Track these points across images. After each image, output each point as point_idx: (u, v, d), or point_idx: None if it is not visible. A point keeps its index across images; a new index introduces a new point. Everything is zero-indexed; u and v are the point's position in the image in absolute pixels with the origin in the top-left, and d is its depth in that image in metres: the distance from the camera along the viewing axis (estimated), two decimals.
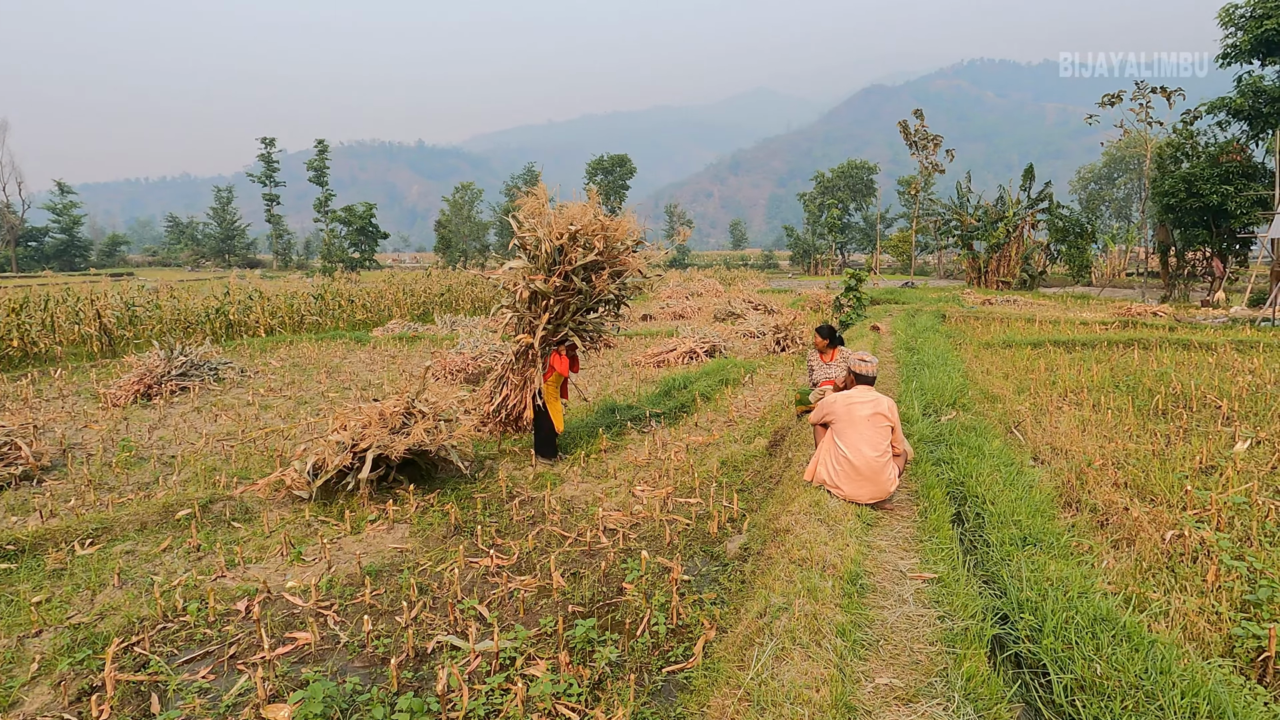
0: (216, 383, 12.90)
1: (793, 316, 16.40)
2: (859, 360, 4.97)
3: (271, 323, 19.16)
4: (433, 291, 25.20)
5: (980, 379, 9.91)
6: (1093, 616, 2.93)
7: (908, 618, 3.02)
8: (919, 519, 4.34)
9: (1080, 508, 5.37)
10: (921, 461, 5.37)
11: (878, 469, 4.53)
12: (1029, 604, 3.11)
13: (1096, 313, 20.99)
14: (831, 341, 7.63)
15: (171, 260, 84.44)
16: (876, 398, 4.76)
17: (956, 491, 4.90)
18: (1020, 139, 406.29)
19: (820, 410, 4.95)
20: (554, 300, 7.61)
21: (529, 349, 7.73)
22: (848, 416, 4.65)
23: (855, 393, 4.82)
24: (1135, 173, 69.52)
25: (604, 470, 7.60)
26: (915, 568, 3.54)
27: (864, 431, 4.58)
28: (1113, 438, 7.17)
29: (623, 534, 5.87)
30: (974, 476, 4.95)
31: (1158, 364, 10.71)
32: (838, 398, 4.83)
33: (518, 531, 6.03)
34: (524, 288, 7.56)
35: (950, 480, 5.06)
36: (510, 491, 6.90)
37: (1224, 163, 24.72)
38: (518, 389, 7.88)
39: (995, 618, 3.16)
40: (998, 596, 3.37)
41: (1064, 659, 2.74)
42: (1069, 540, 3.96)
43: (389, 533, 6.01)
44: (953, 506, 4.54)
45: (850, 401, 4.73)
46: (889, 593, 3.26)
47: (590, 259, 7.53)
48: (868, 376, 4.93)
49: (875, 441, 4.58)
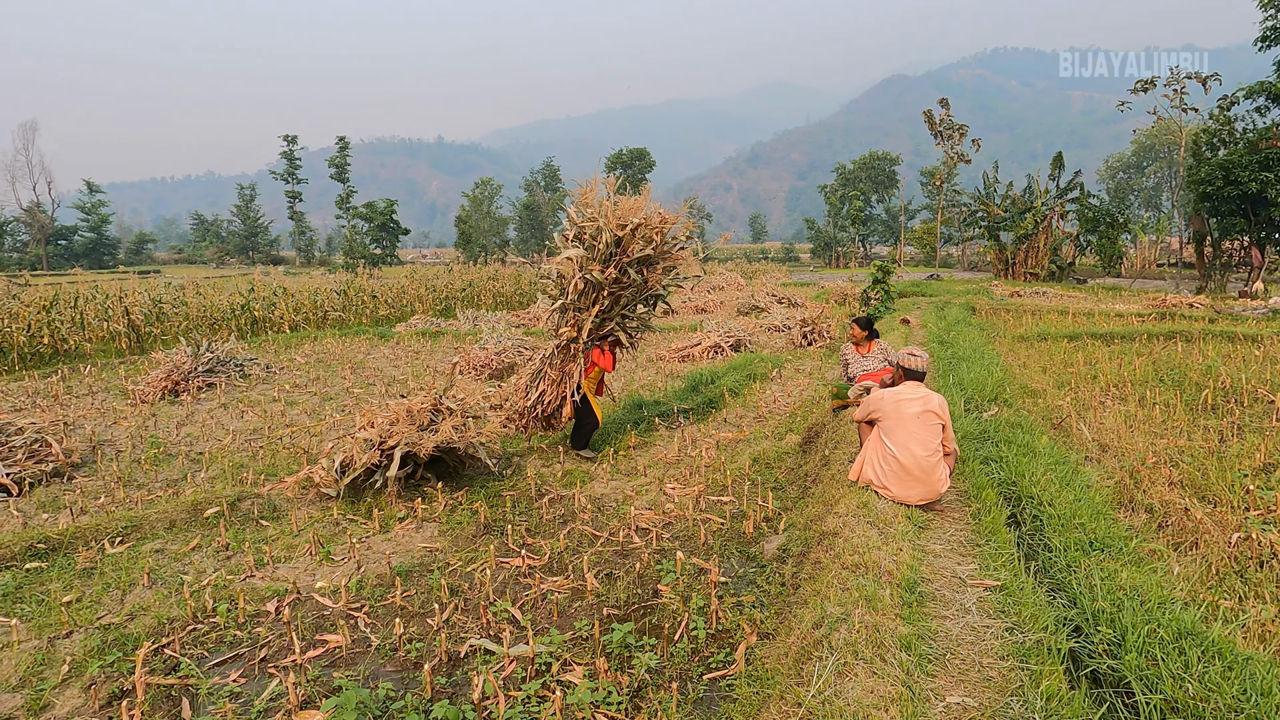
0: (242, 379, 12.93)
1: (820, 310, 16.13)
2: (908, 355, 4.74)
3: (295, 319, 19.24)
4: (454, 287, 25.20)
5: (1018, 373, 9.62)
6: (1177, 630, 2.73)
7: (973, 629, 2.84)
8: (972, 521, 4.14)
9: (1135, 508, 5.13)
10: (968, 460, 5.16)
11: (928, 469, 4.33)
12: (1104, 615, 2.92)
13: (1130, 304, 20.46)
14: (870, 333, 7.43)
15: (197, 258, 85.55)
16: (926, 394, 4.56)
17: (1009, 492, 4.68)
18: (1045, 128, 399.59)
19: (866, 407, 4.77)
20: (606, 292, 7.47)
21: (571, 343, 7.58)
22: (896, 414, 4.46)
23: (904, 389, 4.62)
24: (1166, 161, 68.01)
25: (633, 468, 7.46)
26: (975, 574, 3.36)
27: (913, 430, 4.38)
28: (1162, 434, 6.90)
29: (655, 534, 5.73)
30: (1027, 476, 4.72)
31: (1202, 357, 10.35)
32: (885, 394, 4.64)
33: (548, 531, 5.91)
34: (579, 278, 7.34)
35: (1001, 480, 4.85)
36: (539, 489, 6.78)
37: (1263, 149, 23.96)
38: (555, 384, 7.67)
39: (1068, 630, 2.96)
40: (1067, 606, 3.18)
41: (1150, 677, 2.55)
42: (1137, 545, 3.74)
43: (418, 532, 5.91)
44: (1007, 508, 4.33)
45: (899, 398, 4.53)
46: (950, 601, 3.08)
47: (646, 252, 7.44)
48: (918, 372, 4.70)
49: (925, 440, 4.38)
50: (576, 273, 7.31)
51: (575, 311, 7.49)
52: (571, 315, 7.51)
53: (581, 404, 7.64)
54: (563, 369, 7.60)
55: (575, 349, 7.52)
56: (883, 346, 7.39)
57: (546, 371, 7.69)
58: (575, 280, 7.29)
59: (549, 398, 7.61)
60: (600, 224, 7.30)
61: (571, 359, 7.59)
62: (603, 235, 7.27)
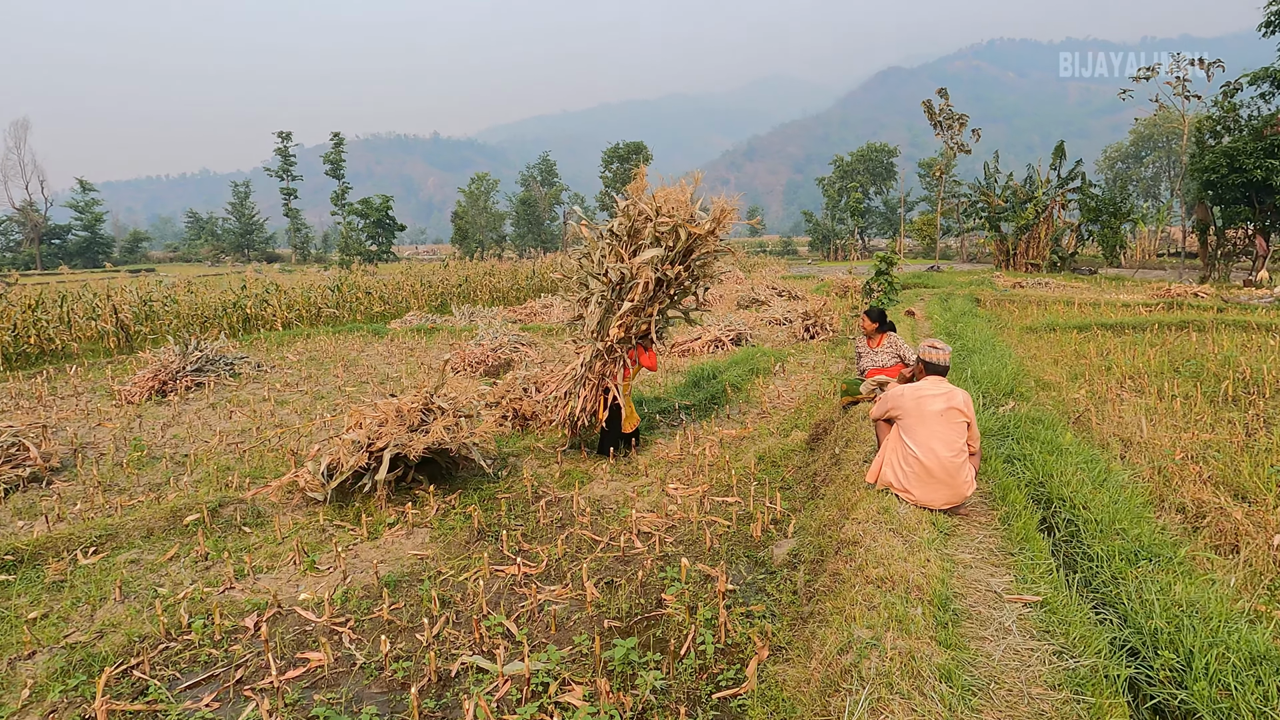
0: (232, 378, 12.62)
1: (822, 302, 15.83)
2: (929, 347, 4.40)
3: (288, 316, 18.91)
4: (450, 283, 24.86)
5: (1030, 365, 9.34)
6: (1250, 654, 2.45)
7: (1016, 653, 2.56)
8: (1001, 527, 3.84)
9: (1167, 508, 4.85)
10: (989, 458, 4.86)
11: (953, 470, 4.01)
12: (1163, 636, 2.63)
13: (1134, 294, 20.20)
14: (881, 325, 7.13)
15: (192, 256, 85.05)
16: (950, 390, 4.23)
17: (1037, 493, 4.38)
18: (1042, 119, 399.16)
19: (884, 404, 4.46)
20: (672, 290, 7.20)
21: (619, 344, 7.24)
22: (918, 411, 4.14)
23: (926, 384, 4.29)
24: (1164, 151, 67.66)
25: (634, 467, 7.17)
26: (1011, 587, 3.07)
27: (936, 428, 4.07)
28: (1185, 428, 6.62)
29: (658, 538, 5.44)
30: (1055, 476, 4.43)
31: (1218, 347, 10.07)
32: (905, 390, 4.29)
33: (545, 535, 5.62)
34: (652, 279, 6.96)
35: (1028, 480, 4.55)
36: (536, 491, 6.49)
37: (1269, 136, 23.67)
38: (595, 388, 7.32)
39: (1123, 652, 2.68)
40: (1118, 625, 2.90)
41: (1225, 710, 2.28)
42: (1186, 553, 3.45)
43: (408, 538, 5.62)
44: (1037, 510, 4.03)
45: (920, 394, 4.21)
46: (987, 620, 2.79)
47: (714, 247, 7.17)
48: (939, 366, 4.36)
49: (949, 439, 4.06)
50: (651, 274, 6.92)
51: (634, 313, 7.13)
52: (624, 316, 7.09)
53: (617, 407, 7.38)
54: (603, 372, 7.28)
55: (620, 351, 7.22)
56: (893, 340, 7.09)
57: (587, 376, 7.35)
58: (648, 280, 6.89)
59: (589, 404, 7.29)
60: (678, 221, 6.96)
61: (614, 361, 7.28)
62: (679, 233, 6.97)
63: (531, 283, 26.94)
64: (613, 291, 7.17)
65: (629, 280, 7.04)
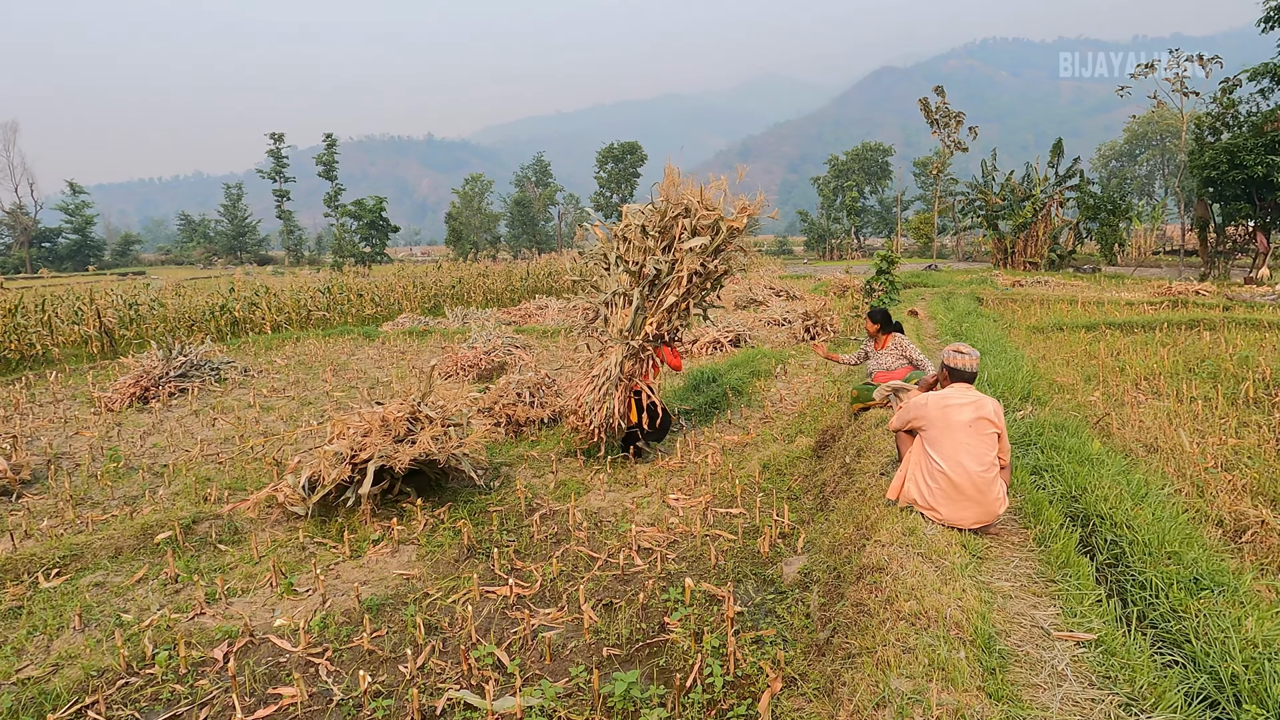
0: (218, 383, 12.26)
1: (823, 302, 15.53)
2: (954, 353, 4.04)
3: (278, 319, 18.53)
4: (443, 284, 24.49)
5: (1041, 367, 9.04)
6: None
7: (1075, 704, 2.24)
8: (1036, 548, 3.52)
9: (1203, 520, 4.55)
10: (1015, 469, 4.53)
11: (983, 486, 3.67)
12: (1243, 683, 2.33)
13: (1135, 292, 19.97)
14: (884, 326, 6.80)
15: (184, 258, 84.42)
16: (979, 398, 3.87)
17: (1072, 509, 4.06)
18: (1035, 118, 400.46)
19: (906, 413, 4.10)
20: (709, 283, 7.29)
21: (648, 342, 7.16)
22: (944, 422, 3.80)
23: (952, 392, 3.93)
24: (1158, 149, 67.62)
25: (632, 477, 6.85)
26: (1059, 621, 2.76)
27: (964, 440, 3.73)
28: (1210, 432, 6.32)
29: (659, 554, 5.12)
30: (1089, 490, 4.11)
31: (1231, 347, 9.79)
32: (929, 399, 3.95)
33: (539, 552, 5.29)
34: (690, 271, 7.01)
35: (1060, 494, 4.23)
36: (530, 504, 6.15)
37: (1270, 132, 23.47)
38: (626, 390, 7.19)
39: (1201, 705, 2.36)
40: (1185, 667, 2.59)
41: None
42: (1250, 579, 3.13)
43: (393, 556, 5.28)
44: (1074, 529, 3.71)
45: (946, 403, 3.85)
46: (1038, 663, 2.47)
47: (745, 242, 7.29)
48: (967, 372, 4.00)
49: (979, 453, 3.72)
50: (696, 263, 6.98)
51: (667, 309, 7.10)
52: (657, 312, 7.04)
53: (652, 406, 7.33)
54: (633, 371, 7.17)
55: (651, 349, 7.14)
56: (899, 341, 6.75)
57: (620, 378, 7.20)
58: (691, 270, 6.96)
59: (620, 406, 7.11)
60: (720, 214, 7.05)
61: (641, 361, 7.19)
62: (720, 226, 7.04)
63: (526, 284, 26.58)
64: (646, 287, 7.08)
65: (665, 275, 7.01)
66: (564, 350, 14.77)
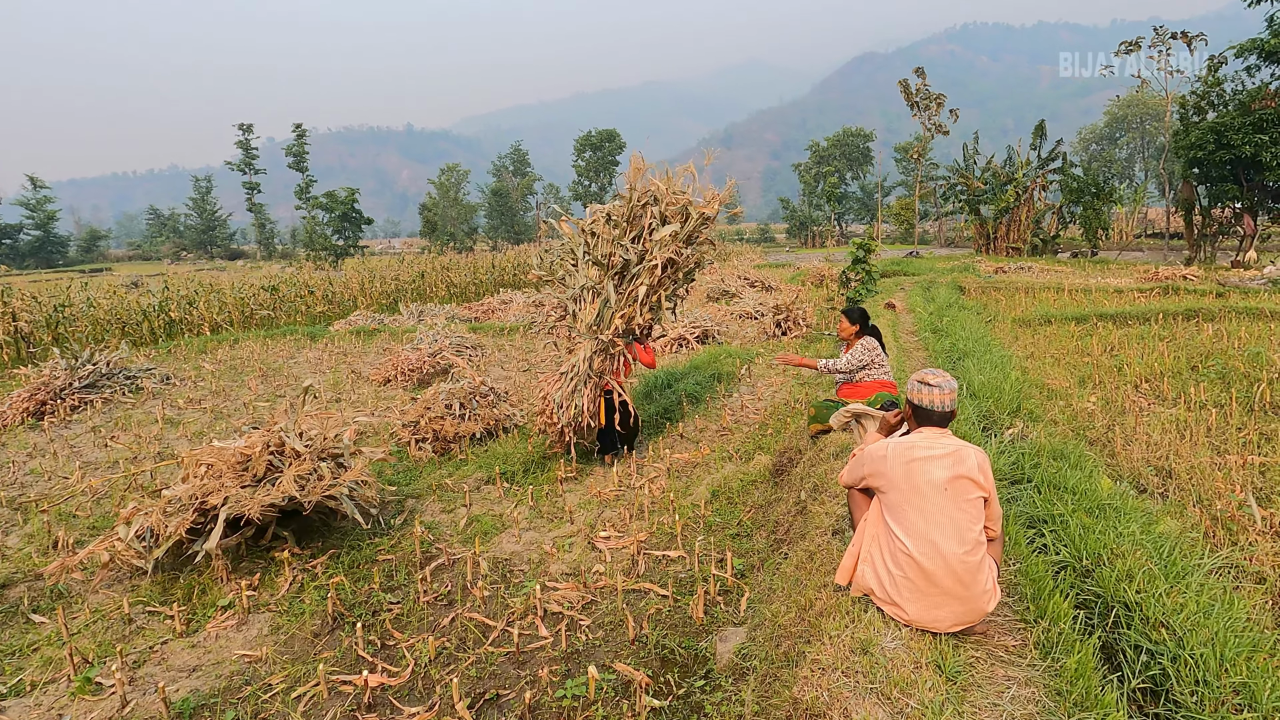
0: (132, 394, 11.12)
1: (794, 294, 14.57)
2: (919, 385, 2.87)
3: (218, 319, 17.32)
4: (403, 279, 23.29)
5: (1029, 366, 8.13)
6: None
7: None
8: (1041, 659, 2.53)
9: (1239, 574, 3.62)
10: (1005, 519, 3.57)
11: (964, 575, 2.58)
12: None
13: (1122, 278, 19.20)
14: (861, 328, 5.81)
15: (152, 254, 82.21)
16: (957, 448, 2.73)
17: (1085, 589, 3.03)
18: (1015, 103, 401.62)
19: (860, 466, 2.94)
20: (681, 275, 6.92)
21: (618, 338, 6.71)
22: (909, 482, 2.69)
23: (919, 441, 2.78)
24: (1138, 132, 67.14)
25: (559, 508, 5.85)
26: None
27: (938, 509, 2.63)
28: (1229, 449, 5.41)
29: (569, 620, 4.14)
30: (1106, 561, 3.09)
31: (1236, 340, 8.93)
32: (890, 448, 2.80)
33: (423, 620, 4.28)
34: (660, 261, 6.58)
35: (1065, 562, 3.23)
36: (427, 550, 5.14)
37: (1257, 110, 22.70)
38: (595, 389, 6.71)
39: None
40: None
41: None
42: None
43: (239, 629, 4.25)
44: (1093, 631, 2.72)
45: (912, 456, 2.72)
46: None
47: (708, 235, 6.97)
48: (936, 412, 2.83)
49: (959, 526, 2.62)
50: (666, 253, 6.54)
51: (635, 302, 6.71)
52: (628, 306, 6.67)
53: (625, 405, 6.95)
54: (603, 369, 6.73)
55: (621, 345, 6.74)
56: (867, 345, 5.71)
57: (590, 375, 6.76)
58: (663, 260, 6.54)
59: (590, 405, 6.64)
60: (689, 200, 6.73)
61: (612, 358, 6.77)
62: (690, 213, 6.74)
63: (492, 276, 25.42)
64: (615, 280, 6.72)
65: (635, 265, 6.65)
66: (519, 350, 13.72)
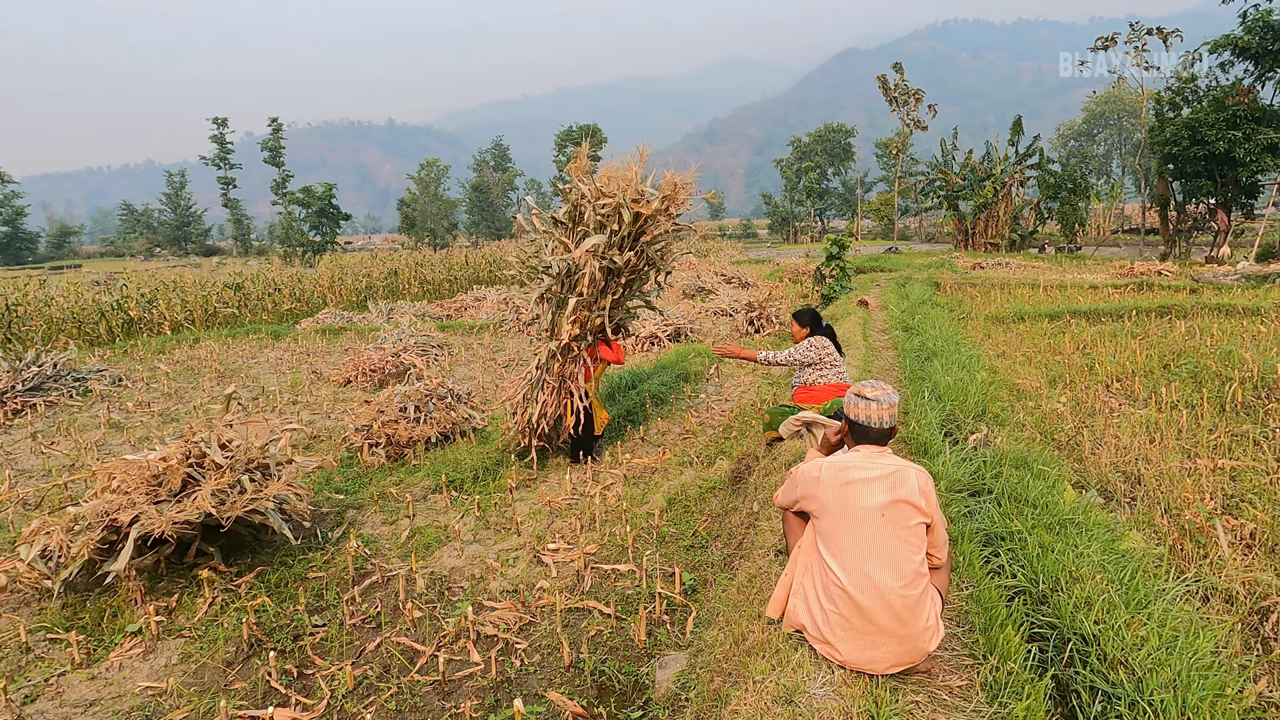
0: (81, 397, 10.69)
1: (768, 291, 14.35)
2: (856, 399, 2.60)
3: (179, 318, 16.83)
4: (375, 276, 22.83)
5: (999, 365, 7.95)
6: None
7: None
8: (986, 699, 2.28)
9: (1208, 592, 3.42)
10: (960, 539, 3.32)
11: (903, 612, 2.30)
12: None
13: (1097, 274, 19.21)
14: (813, 330, 5.58)
15: (126, 250, 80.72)
16: (896, 469, 2.45)
17: (1040, 617, 2.76)
18: (995, 100, 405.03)
19: (792, 488, 2.66)
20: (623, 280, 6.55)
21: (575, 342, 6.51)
22: (842, 507, 2.41)
23: (855, 460, 2.50)
24: (1115, 129, 67.79)
25: (508, 519, 5.56)
26: None
27: (874, 537, 2.35)
28: (1199, 452, 5.24)
29: (504, 644, 3.87)
30: (1064, 586, 2.82)
31: (1208, 338, 8.81)
32: (824, 468, 2.50)
33: (348, 645, 3.99)
34: (599, 269, 6.27)
35: (1020, 587, 2.99)
36: (361, 566, 4.84)
37: (1230, 106, 22.78)
38: (555, 392, 6.55)
39: None
40: None
41: None
42: None
43: (146, 658, 3.94)
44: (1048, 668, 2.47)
45: (847, 478, 2.44)
46: None
47: (667, 228, 6.51)
48: (876, 429, 2.56)
49: (898, 557, 2.34)
50: (596, 263, 6.17)
51: (586, 307, 6.48)
52: (575, 312, 6.44)
53: (587, 410, 6.62)
54: (563, 373, 6.53)
55: (578, 349, 6.56)
56: (814, 343, 5.43)
57: (545, 379, 6.59)
58: (593, 271, 6.19)
59: (550, 409, 6.51)
60: (620, 201, 6.23)
61: (573, 360, 6.60)
62: (623, 215, 6.24)
63: (466, 273, 25.00)
64: (562, 285, 6.52)
65: (575, 272, 6.38)
66: (488, 349, 13.41)
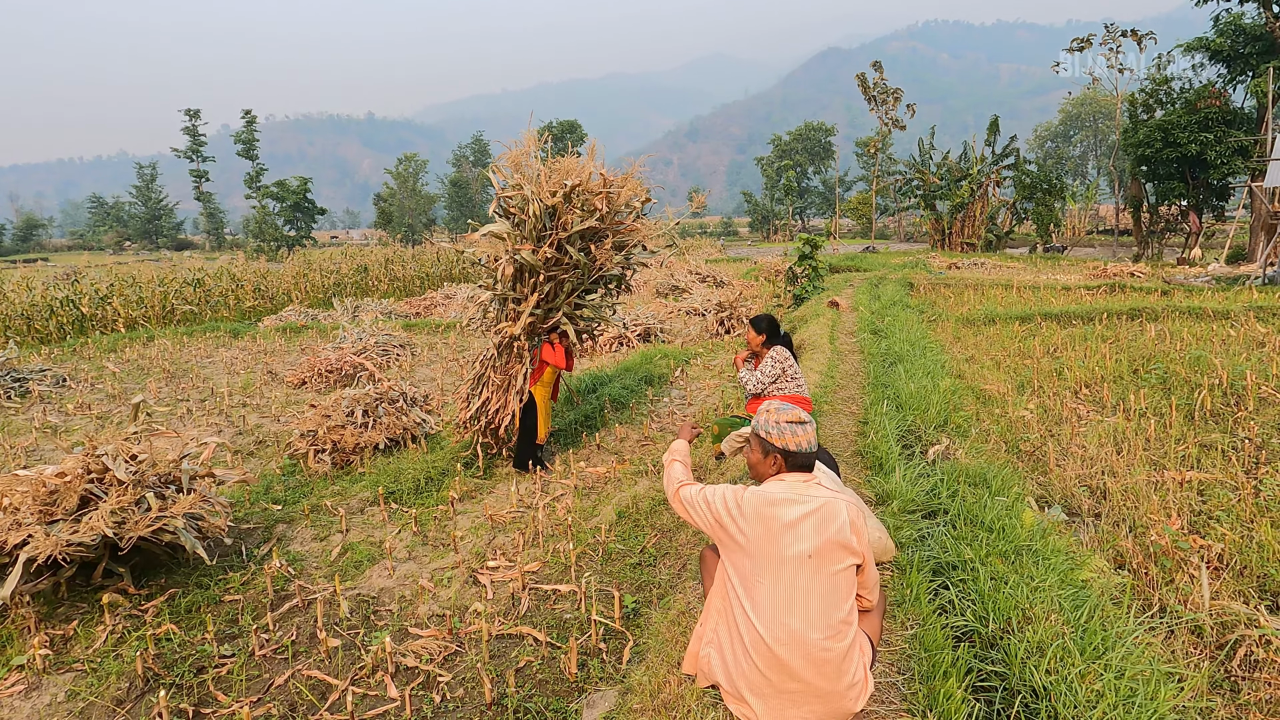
0: (19, 398, 10.21)
1: (739, 291, 14.11)
2: (777, 423, 2.32)
3: (135, 315, 16.27)
4: (344, 272, 22.31)
5: (967, 370, 7.75)
6: None
7: None
8: None
9: (1173, 619, 3.20)
10: (909, 567, 3.07)
11: (826, 666, 2.03)
12: None
13: (1071, 274, 19.22)
14: (770, 338, 5.33)
15: (95, 244, 78.96)
16: (825, 501, 2.17)
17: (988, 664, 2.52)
18: (975, 100, 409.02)
19: (703, 508, 2.37)
20: (544, 277, 6.19)
21: (513, 341, 6.30)
22: (764, 544, 2.12)
23: (780, 491, 2.21)
24: (1091, 130, 68.50)
25: (447, 534, 5.25)
26: None
27: (799, 583, 2.06)
28: (1167, 463, 5.05)
29: (425, 675, 3.57)
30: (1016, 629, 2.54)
31: (1178, 341, 8.69)
32: (746, 498, 2.23)
33: (254, 680, 3.67)
34: (506, 261, 6.03)
35: (971, 627, 2.73)
36: (281, 589, 4.50)
37: (1202, 108, 22.93)
38: (500, 390, 6.35)
39: None
40: None
41: None
42: None
43: (29, 696, 3.59)
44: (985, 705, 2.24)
45: (771, 512, 2.15)
46: None
47: (589, 224, 6.12)
48: (800, 455, 2.30)
49: (824, 605, 2.06)
50: (504, 255, 6.02)
51: (513, 303, 6.30)
52: (510, 308, 6.31)
53: (524, 411, 6.30)
54: (507, 371, 6.31)
55: (521, 347, 6.32)
56: (778, 357, 5.20)
57: (490, 376, 6.43)
58: (503, 264, 6.04)
59: (494, 406, 6.29)
60: (527, 192, 6.02)
61: (517, 359, 6.37)
62: (530, 205, 6.00)
63: (438, 270, 24.54)
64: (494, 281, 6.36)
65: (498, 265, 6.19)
66: (452, 349, 13.05)
